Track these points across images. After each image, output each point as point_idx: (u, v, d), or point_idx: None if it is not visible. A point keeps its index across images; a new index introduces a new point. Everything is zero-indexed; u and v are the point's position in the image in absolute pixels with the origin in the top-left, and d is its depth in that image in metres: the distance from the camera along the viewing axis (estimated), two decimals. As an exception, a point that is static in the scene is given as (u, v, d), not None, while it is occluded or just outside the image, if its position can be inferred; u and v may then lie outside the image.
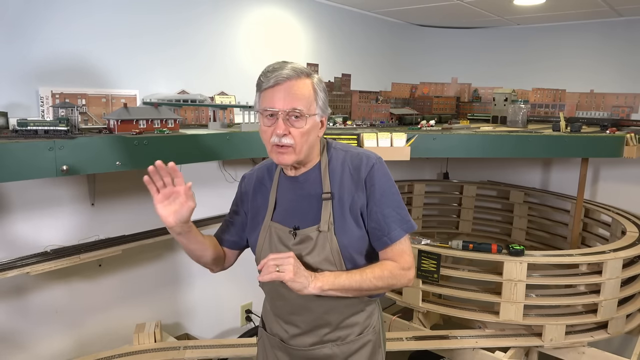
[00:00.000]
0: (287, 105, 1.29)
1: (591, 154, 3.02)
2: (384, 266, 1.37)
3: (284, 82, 1.29)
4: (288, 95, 1.29)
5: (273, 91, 1.30)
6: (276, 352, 1.52)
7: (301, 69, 1.33)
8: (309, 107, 1.32)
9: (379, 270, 1.35)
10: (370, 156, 1.41)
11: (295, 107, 1.29)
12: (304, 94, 1.31)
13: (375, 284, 1.34)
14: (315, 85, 1.34)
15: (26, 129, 1.78)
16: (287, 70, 1.30)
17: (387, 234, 1.37)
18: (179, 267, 2.94)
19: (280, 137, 1.30)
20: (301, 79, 1.31)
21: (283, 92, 1.29)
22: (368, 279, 1.33)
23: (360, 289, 1.34)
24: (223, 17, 2.83)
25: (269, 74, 1.30)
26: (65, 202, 2.35)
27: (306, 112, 1.31)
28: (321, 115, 1.37)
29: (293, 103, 1.29)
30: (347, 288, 1.32)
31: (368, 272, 1.34)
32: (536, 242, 3.93)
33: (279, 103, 1.29)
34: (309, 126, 1.32)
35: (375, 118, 3.31)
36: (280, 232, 1.42)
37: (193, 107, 2.64)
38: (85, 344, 2.51)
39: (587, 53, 3.81)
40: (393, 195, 1.39)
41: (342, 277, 1.32)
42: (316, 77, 1.37)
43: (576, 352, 2.58)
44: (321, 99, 1.36)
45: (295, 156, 1.33)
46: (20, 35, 2.06)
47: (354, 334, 1.45)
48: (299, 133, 1.31)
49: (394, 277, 1.36)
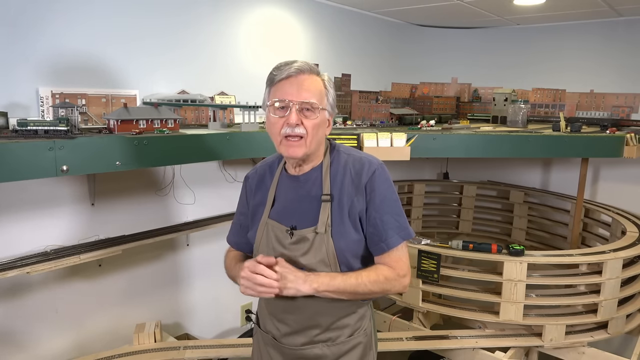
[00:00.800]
0: (300, 96, 1.32)
1: (591, 154, 3.02)
2: (380, 271, 1.37)
3: (297, 75, 1.33)
4: (301, 87, 1.32)
5: (286, 83, 1.33)
6: (269, 349, 1.52)
7: (312, 66, 1.37)
8: (321, 101, 1.35)
9: (374, 274, 1.36)
10: (372, 161, 1.41)
11: (308, 98, 1.32)
12: (317, 87, 1.35)
13: (370, 288, 1.35)
14: (326, 83, 1.39)
15: (26, 129, 1.78)
16: (299, 64, 1.34)
17: (385, 240, 1.37)
18: (179, 267, 2.94)
19: (293, 127, 1.32)
20: (312, 75, 1.36)
21: (296, 84, 1.33)
22: (363, 282, 1.34)
23: (355, 293, 1.35)
24: (223, 17, 2.83)
25: (282, 67, 1.34)
26: (65, 202, 2.35)
27: (318, 105, 1.34)
28: (330, 113, 1.41)
29: (307, 95, 1.32)
30: (341, 291, 1.33)
31: (364, 275, 1.35)
32: (536, 242, 3.93)
33: (292, 94, 1.32)
34: (320, 119, 1.35)
35: (375, 118, 3.31)
36: (277, 231, 1.42)
37: (193, 107, 2.64)
38: (85, 344, 2.51)
39: (587, 53, 3.81)
40: (393, 202, 1.40)
41: (338, 280, 1.33)
42: (326, 75, 1.41)
43: (576, 352, 2.58)
44: (331, 95, 1.40)
45: (305, 148, 1.34)
46: (20, 36, 2.06)
47: (345, 336, 1.45)
48: (312, 124, 1.33)
49: (389, 282, 1.37)
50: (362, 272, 1.36)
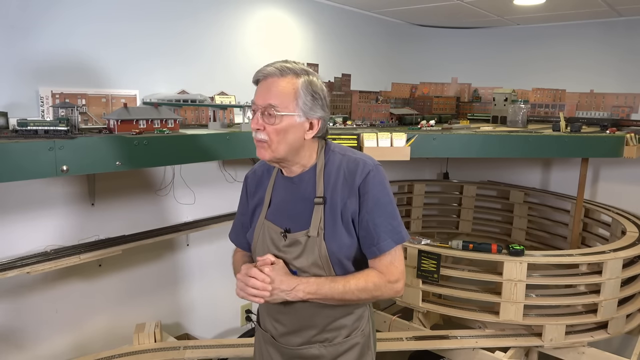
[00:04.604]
0: (263, 101, 1.31)
1: (591, 154, 3.02)
2: (370, 278, 1.36)
3: (266, 78, 1.32)
4: (265, 91, 1.31)
5: (258, 87, 1.35)
6: (269, 347, 1.53)
7: (289, 68, 1.31)
8: (285, 105, 1.30)
9: (363, 282, 1.35)
10: (367, 162, 1.37)
11: (270, 103, 1.30)
12: (282, 92, 1.30)
13: (359, 295, 1.35)
14: (300, 86, 1.31)
15: (26, 129, 1.78)
16: (271, 68, 1.32)
17: (377, 244, 1.35)
18: (179, 267, 2.94)
19: (255, 132, 1.34)
20: (285, 77, 1.31)
21: (262, 88, 1.33)
22: (351, 290, 1.33)
23: (343, 300, 1.35)
24: (224, 18, 2.83)
25: (258, 71, 1.34)
26: (65, 202, 2.35)
27: (281, 110, 1.30)
28: (305, 117, 1.33)
29: (268, 99, 1.30)
30: (329, 298, 1.34)
31: (352, 283, 1.34)
32: (536, 242, 3.93)
33: (258, 98, 1.33)
34: (284, 124, 1.31)
35: (375, 118, 3.31)
36: (272, 233, 1.42)
37: (193, 107, 2.64)
38: (85, 344, 2.51)
39: (587, 53, 3.81)
40: (386, 204, 1.36)
41: (325, 288, 1.33)
42: (307, 78, 1.33)
43: (576, 352, 2.58)
44: (303, 99, 1.31)
45: (270, 153, 1.34)
46: (20, 36, 2.06)
47: (342, 336, 1.45)
48: (273, 130, 1.31)
49: (378, 289, 1.36)
50: (351, 279, 1.35)
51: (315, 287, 1.33)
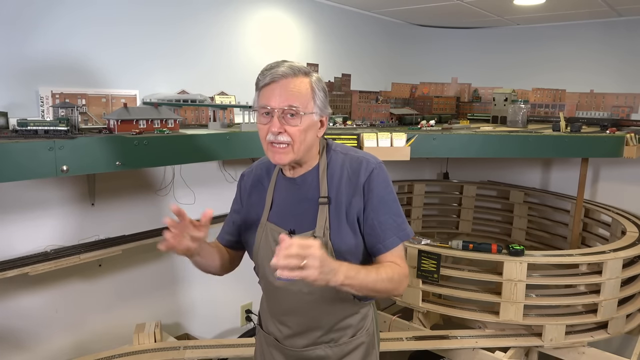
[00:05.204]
0: (282, 102, 1.27)
1: (591, 154, 3.02)
2: (394, 269, 1.32)
3: (280, 79, 1.28)
4: (284, 92, 1.28)
5: (269, 89, 1.29)
6: (272, 350, 1.52)
7: (298, 67, 1.31)
8: (305, 105, 1.29)
9: (390, 271, 1.30)
10: (370, 161, 1.38)
11: (291, 104, 1.27)
12: (300, 91, 1.29)
13: (386, 286, 1.29)
14: (313, 84, 1.32)
15: (26, 129, 1.78)
16: (283, 68, 1.29)
17: (382, 242, 1.35)
18: (179, 267, 2.94)
19: (276, 135, 1.29)
20: (298, 77, 1.30)
21: (279, 89, 1.28)
22: (381, 279, 1.28)
23: (374, 289, 1.28)
24: (224, 18, 2.83)
25: (266, 72, 1.30)
26: (65, 202, 2.35)
27: (302, 110, 1.28)
28: (320, 115, 1.34)
29: (289, 100, 1.27)
30: (363, 286, 1.24)
31: (382, 272, 1.28)
32: (536, 242, 3.93)
33: (274, 101, 1.28)
34: (305, 124, 1.30)
35: (375, 118, 3.31)
36: (276, 235, 1.40)
37: (193, 107, 2.64)
38: (85, 344, 2.51)
39: (587, 53, 3.80)
40: (391, 202, 1.37)
41: (362, 273, 1.23)
42: (315, 76, 1.35)
43: (576, 352, 2.58)
44: (319, 98, 1.33)
45: (293, 155, 1.31)
46: (20, 35, 2.06)
47: (347, 336, 1.44)
48: (296, 131, 1.29)
49: (400, 281, 1.32)
50: (380, 267, 1.30)
51: (354, 271, 1.21)
